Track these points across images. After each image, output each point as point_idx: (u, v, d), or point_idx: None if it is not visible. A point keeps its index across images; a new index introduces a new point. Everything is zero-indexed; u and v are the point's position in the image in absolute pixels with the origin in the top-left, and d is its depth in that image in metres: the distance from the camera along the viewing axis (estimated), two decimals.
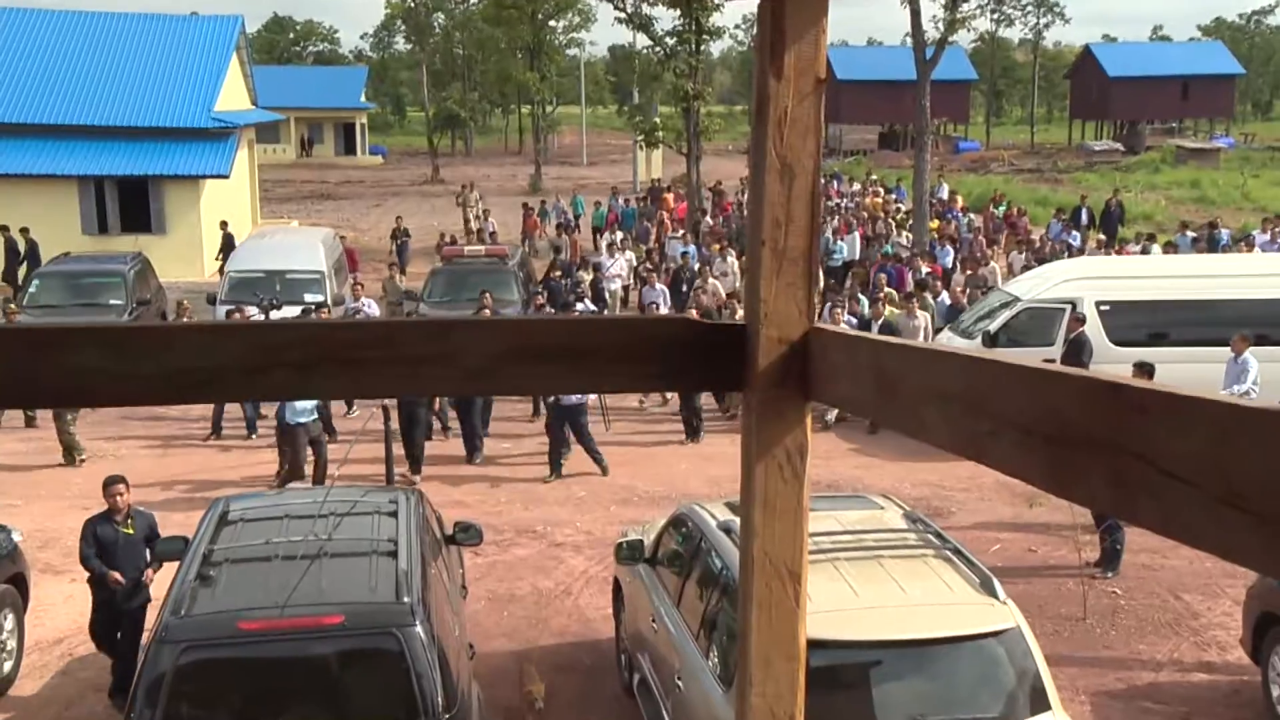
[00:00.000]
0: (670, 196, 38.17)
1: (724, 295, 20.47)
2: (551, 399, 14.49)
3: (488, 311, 17.40)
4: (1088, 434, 1.24)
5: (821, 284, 20.75)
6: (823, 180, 2.09)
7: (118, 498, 9.42)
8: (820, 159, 1.92)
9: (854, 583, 7.02)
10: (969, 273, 23.05)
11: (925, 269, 22.13)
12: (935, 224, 30.18)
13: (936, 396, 1.55)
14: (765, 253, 1.91)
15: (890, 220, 30.95)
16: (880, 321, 17.66)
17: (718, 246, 26.28)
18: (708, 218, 33.44)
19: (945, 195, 36.93)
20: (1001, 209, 33.56)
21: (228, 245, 27.16)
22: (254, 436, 16.68)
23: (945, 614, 6.90)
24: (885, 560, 7.42)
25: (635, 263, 25.86)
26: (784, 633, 2.01)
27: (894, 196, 38.57)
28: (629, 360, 1.96)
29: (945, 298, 19.73)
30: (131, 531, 9.41)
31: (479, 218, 35.43)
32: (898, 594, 7.01)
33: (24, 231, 26.75)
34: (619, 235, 29.24)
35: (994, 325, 16.92)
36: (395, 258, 29.23)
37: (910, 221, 30.27)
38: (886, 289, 19.49)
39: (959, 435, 1.50)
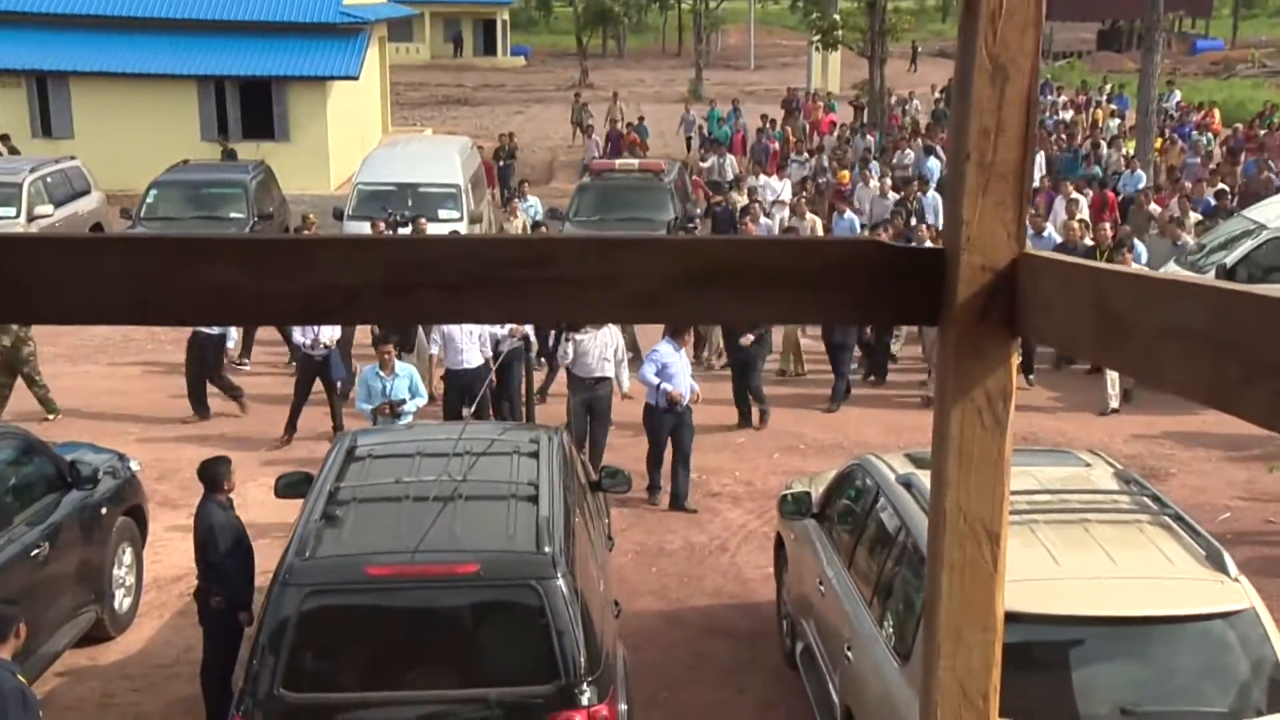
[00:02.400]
0: (816, 108, 37.29)
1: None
2: (658, 403, 12.63)
3: None
4: None
5: None
6: None
7: (234, 483, 9.05)
8: (1039, 58, 1.88)
9: (1054, 550, 6.92)
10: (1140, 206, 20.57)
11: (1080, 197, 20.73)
12: (1159, 142, 29.02)
13: (1175, 335, 1.51)
14: (970, 167, 1.88)
15: (1099, 138, 29.77)
16: None
17: (844, 171, 25.57)
18: (830, 136, 32.20)
19: (1175, 104, 35.43)
20: (1275, 120, 31.44)
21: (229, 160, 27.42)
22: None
23: (1163, 589, 6.75)
24: (1092, 525, 7.29)
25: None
26: (979, 600, 2.01)
27: (1114, 107, 37.21)
28: (811, 287, 1.96)
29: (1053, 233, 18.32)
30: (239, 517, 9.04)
31: (585, 128, 34.75)
32: (1106, 565, 6.89)
33: (4, 139, 27.81)
34: (729, 159, 28.35)
35: (1231, 258, 16.30)
36: (502, 189, 26.84)
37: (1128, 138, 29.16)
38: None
39: (1202, 381, 1.47)
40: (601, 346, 12.90)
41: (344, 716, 6.94)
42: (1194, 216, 19.37)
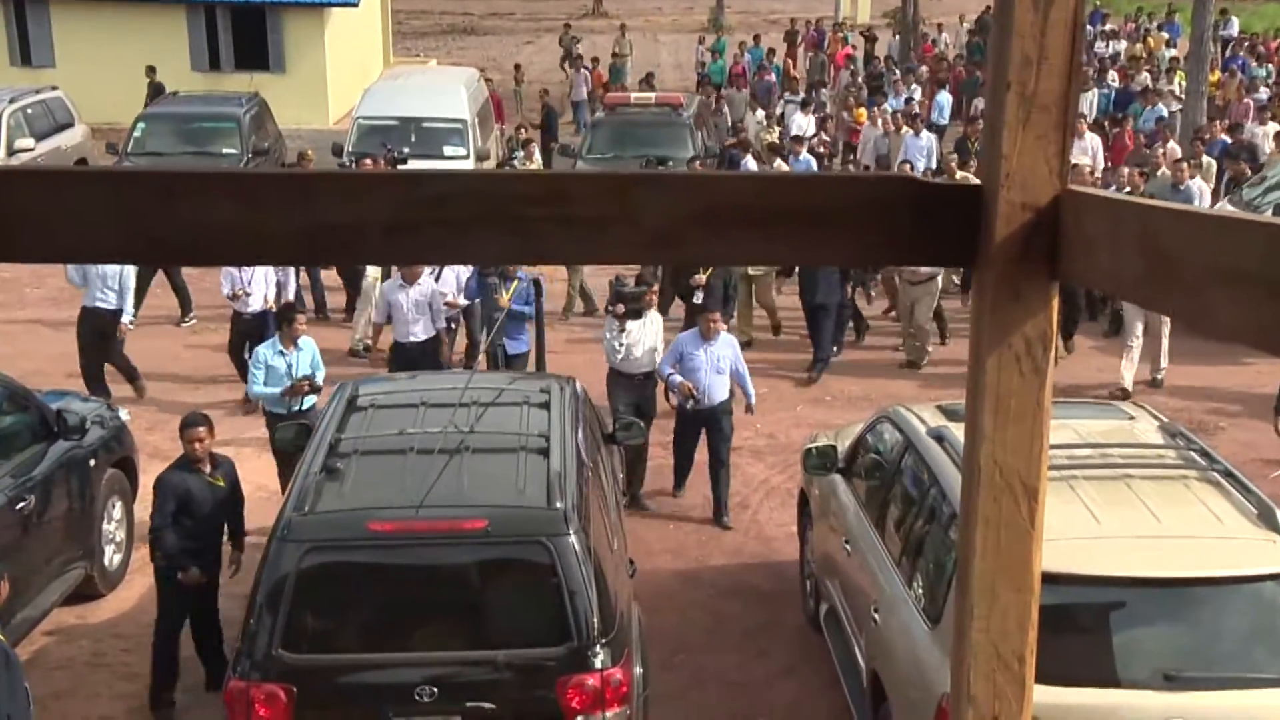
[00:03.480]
0: (838, 39, 36.60)
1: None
2: (678, 400, 11.66)
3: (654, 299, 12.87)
4: None
5: None
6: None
7: (197, 444, 8.61)
8: None
9: (1094, 507, 6.93)
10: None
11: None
12: (1215, 76, 28.71)
13: (1228, 276, 1.51)
14: (1010, 98, 1.88)
15: (1145, 72, 29.35)
16: None
17: (859, 109, 25.06)
18: (844, 70, 31.46)
19: (1234, 32, 34.98)
20: None
21: (156, 95, 27.04)
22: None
23: (1210, 549, 6.76)
24: (1134, 481, 7.29)
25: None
26: (1015, 558, 2.02)
27: (1165, 35, 36.78)
28: (838, 226, 1.96)
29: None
30: (221, 483, 8.78)
31: (574, 60, 33.97)
32: (1149, 523, 6.89)
33: None
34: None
35: None
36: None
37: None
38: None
39: (1256, 325, 1.46)
40: (652, 337, 11.90)
41: (345, 678, 7.02)
42: (1207, 160, 18.95)
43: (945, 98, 26.78)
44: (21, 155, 21.58)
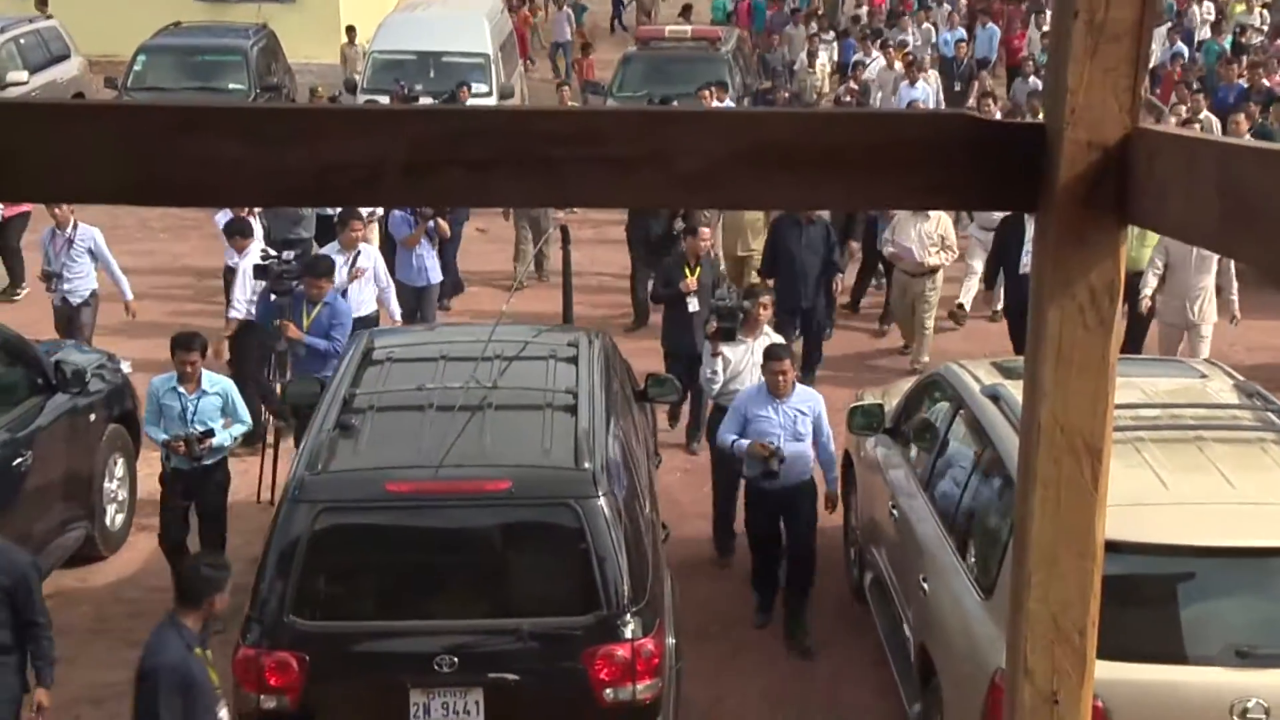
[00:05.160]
0: None
1: None
2: (748, 470, 9.39)
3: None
4: None
5: None
6: None
7: None
8: None
9: (1163, 471, 6.90)
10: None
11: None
12: None
13: None
14: (1077, 27, 1.86)
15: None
16: None
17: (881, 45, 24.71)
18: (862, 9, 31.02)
19: None
20: None
21: None
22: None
23: None
24: (1206, 444, 7.25)
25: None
26: (1077, 523, 2.01)
27: None
28: (890, 168, 1.95)
29: None
30: None
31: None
32: (1222, 488, 6.86)
33: None
34: None
35: None
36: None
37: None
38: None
39: None
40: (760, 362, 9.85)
41: (360, 647, 7.07)
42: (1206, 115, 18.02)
43: (993, 29, 26.54)
44: (15, 89, 21.61)
